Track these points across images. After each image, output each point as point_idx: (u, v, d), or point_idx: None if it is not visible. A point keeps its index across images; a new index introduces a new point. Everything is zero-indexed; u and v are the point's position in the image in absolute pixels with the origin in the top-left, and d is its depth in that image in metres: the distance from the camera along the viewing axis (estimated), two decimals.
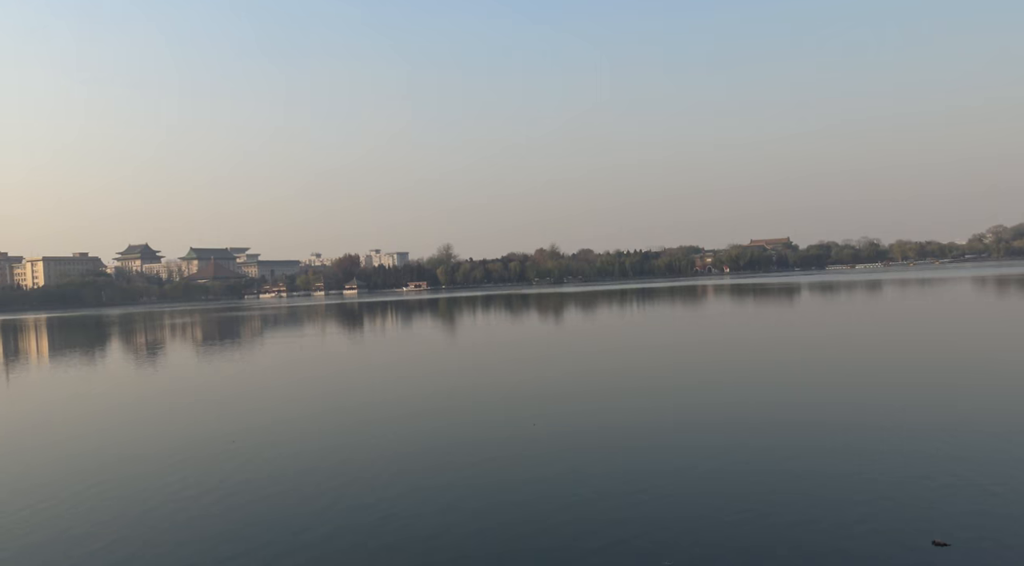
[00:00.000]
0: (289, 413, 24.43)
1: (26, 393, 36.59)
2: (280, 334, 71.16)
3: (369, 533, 12.16)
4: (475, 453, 17.32)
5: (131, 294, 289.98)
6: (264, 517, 13.24)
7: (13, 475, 17.89)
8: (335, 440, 19.69)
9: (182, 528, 12.88)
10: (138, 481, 16.35)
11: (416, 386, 29.38)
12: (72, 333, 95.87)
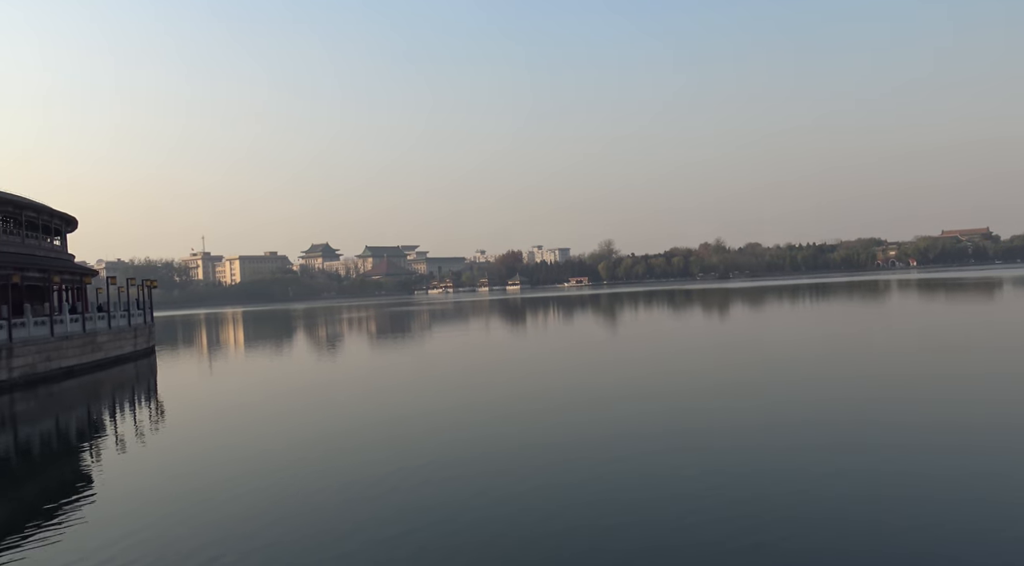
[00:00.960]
0: (448, 403, 25.13)
1: (225, 378, 40.30)
2: (447, 328, 73.75)
3: (503, 524, 12.20)
4: (619, 448, 16.99)
5: (314, 290, 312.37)
6: (423, 502, 13.64)
7: (221, 451, 19.66)
8: (489, 430, 20.01)
9: (349, 510, 13.53)
10: (310, 463, 17.41)
11: (572, 379, 29.34)
12: (264, 325, 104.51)
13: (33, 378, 36.07)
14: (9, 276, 42.13)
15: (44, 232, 54.48)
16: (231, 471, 17.03)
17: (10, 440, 24.13)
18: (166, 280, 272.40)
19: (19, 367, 35.57)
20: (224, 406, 28.92)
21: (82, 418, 28.02)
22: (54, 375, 37.97)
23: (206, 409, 28.54)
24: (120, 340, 48.79)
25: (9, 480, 18.66)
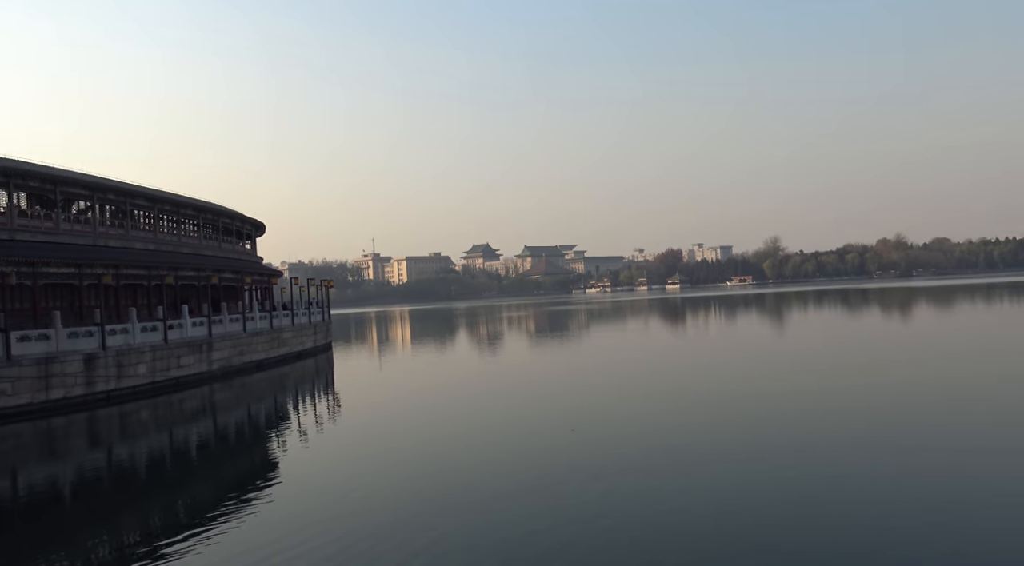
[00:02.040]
0: (617, 403, 25.04)
1: (394, 373, 42.52)
2: (605, 327, 73.57)
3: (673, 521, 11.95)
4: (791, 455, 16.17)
5: (475, 289, 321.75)
6: (601, 499, 13.69)
7: (392, 437, 20.83)
8: (664, 429, 19.74)
9: (526, 504, 13.84)
10: (475, 454, 17.97)
11: (733, 382, 28.33)
12: (428, 323, 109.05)
13: (229, 370, 39.80)
14: (209, 277, 46.72)
15: (237, 237, 59.91)
16: (401, 459, 17.94)
17: (210, 426, 26.77)
18: (340, 280, 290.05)
19: (217, 360, 39.37)
20: (394, 398, 30.54)
21: (270, 408, 30.56)
22: (246, 368, 41.69)
23: (377, 401, 30.25)
24: (302, 336, 52.70)
25: (208, 462, 20.73)
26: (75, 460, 21.52)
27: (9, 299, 32.23)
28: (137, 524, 14.33)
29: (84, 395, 29.52)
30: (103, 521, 14.66)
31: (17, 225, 34.75)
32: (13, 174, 34.78)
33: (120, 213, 43.00)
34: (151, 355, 33.63)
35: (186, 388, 34.44)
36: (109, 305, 37.00)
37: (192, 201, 50.70)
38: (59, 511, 15.96)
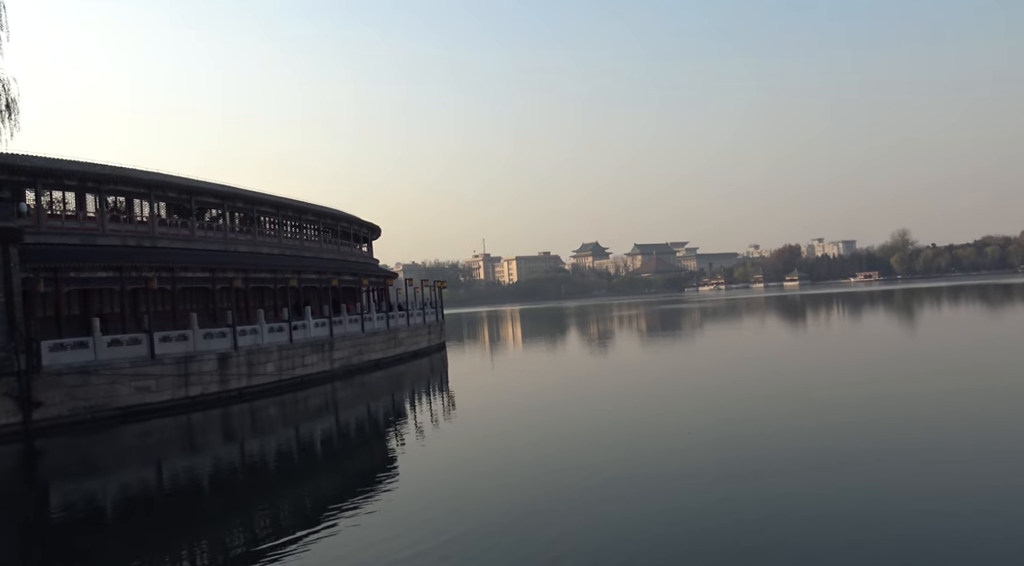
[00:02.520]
0: (733, 405, 24.32)
1: (506, 371, 43.00)
2: (720, 325, 71.64)
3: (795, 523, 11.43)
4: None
5: (584, 287, 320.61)
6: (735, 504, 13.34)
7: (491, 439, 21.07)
8: (783, 435, 19.01)
9: (627, 507, 13.66)
10: (587, 454, 17.86)
11: (858, 384, 26.88)
12: (538, 322, 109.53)
13: (349, 369, 41.39)
14: (329, 279, 48.74)
15: (355, 240, 62.23)
16: (515, 458, 18.11)
17: (333, 422, 27.93)
18: (452, 280, 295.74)
19: (338, 359, 41.02)
20: (507, 397, 30.89)
21: (388, 405, 31.56)
22: (365, 367, 43.23)
23: (491, 400, 30.68)
24: (417, 336, 54.13)
25: (331, 457, 21.61)
26: (212, 453, 22.94)
27: (151, 302, 34.73)
28: (266, 515, 15.12)
29: (218, 392, 31.43)
30: (235, 511, 15.55)
31: (158, 233, 37.43)
32: (155, 186, 37.48)
33: (248, 220, 45.51)
34: (278, 354, 35.41)
35: (310, 386, 36.05)
36: (239, 307, 39.23)
37: (313, 207, 53.02)
38: (197, 500, 17.06)
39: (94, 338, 27.71)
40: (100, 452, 23.79)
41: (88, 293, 33.23)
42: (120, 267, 32.95)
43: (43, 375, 25.68)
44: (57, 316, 30.50)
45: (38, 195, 32.33)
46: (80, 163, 33.94)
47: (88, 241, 33.36)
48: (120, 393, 27.74)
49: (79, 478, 20.51)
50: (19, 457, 23.27)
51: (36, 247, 29.40)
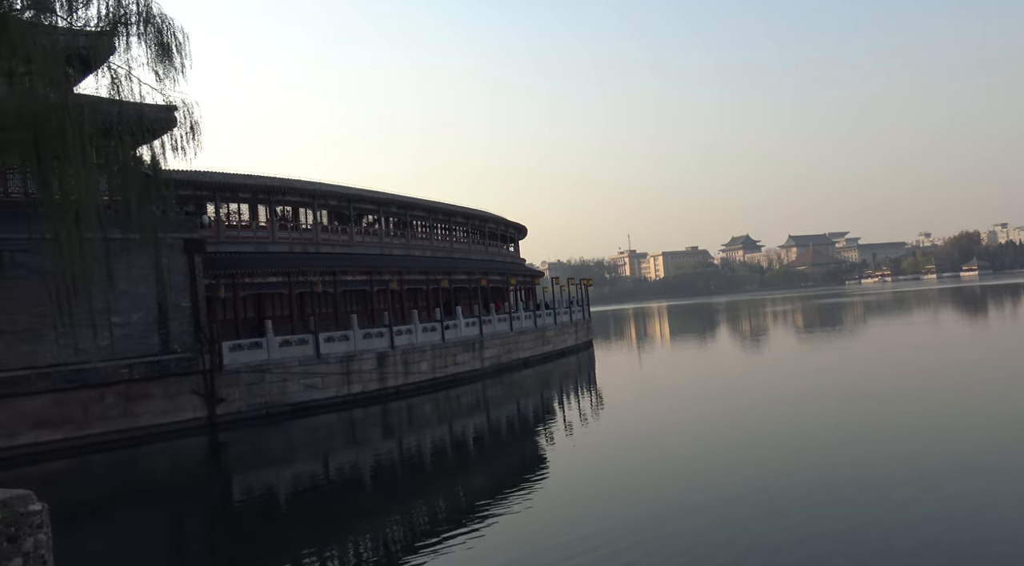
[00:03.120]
0: (911, 415, 22.72)
1: (654, 370, 42.38)
2: (888, 321, 67.00)
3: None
4: None
5: (735, 282, 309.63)
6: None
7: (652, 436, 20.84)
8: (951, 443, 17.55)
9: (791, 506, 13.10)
10: (743, 459, 17.25)
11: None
12: (686, 319, 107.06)
13: (499, 367, 42.33)
14: (478, 280, 50.03)
15: (502, 240, 63.50)
16: (665, 458, 17.85)
17: (484, 420, 28.68)
18: (597, 277, 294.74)
19: (488, 358, 42.05)
20: (655, 395, 30.47)
21: (537, 403, 31.99)
22: (514, 365, 44.05)
23: (639, 398, 30.38)
24: (564, 334, 54.48)
25: (483, 454, 22.24)
26: (372, 447, 24.23)
27: (316, 305, 37.10)
28: (423, 509, 15.79)
29: (377, 390, 33.11)
30: (394, 504, 16.34)
31: (321, 240, 39.94)
32: (318, 195, 40.04)
33: (402, 224, 47.59)
34: (431, 353, 36.80)
35: (461, 384, 37.20)
36: (395, 308, 41.09)
37: (461, 209, 54.62)
38: (360, 492, 18.10)
39: (267, 339, 29.99)
40: (274, 445, 25.73)
41: (261, 297, 36.00)
42: (288, 272, 35.46)
43: (224, 373, 28.10)
44: (235, 319, 33.25)
45: (217, 208, 35.41)
46: (253, 177, 36.86)
47: (260, 249, 36.14)
48: (290, 390, 29.85)
49: (257, 469, 22.32)
50: (206, 448, 25.62)
51: (216, 255, 32.19)
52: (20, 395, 23.17)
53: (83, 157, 19.46)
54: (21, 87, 18.61)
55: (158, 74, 21.51)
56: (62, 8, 19.70)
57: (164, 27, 21.34)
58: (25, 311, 23.44)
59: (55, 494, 19.10)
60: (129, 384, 25.47)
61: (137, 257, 25.38)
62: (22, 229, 22.06)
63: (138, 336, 26.22)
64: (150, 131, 22.56)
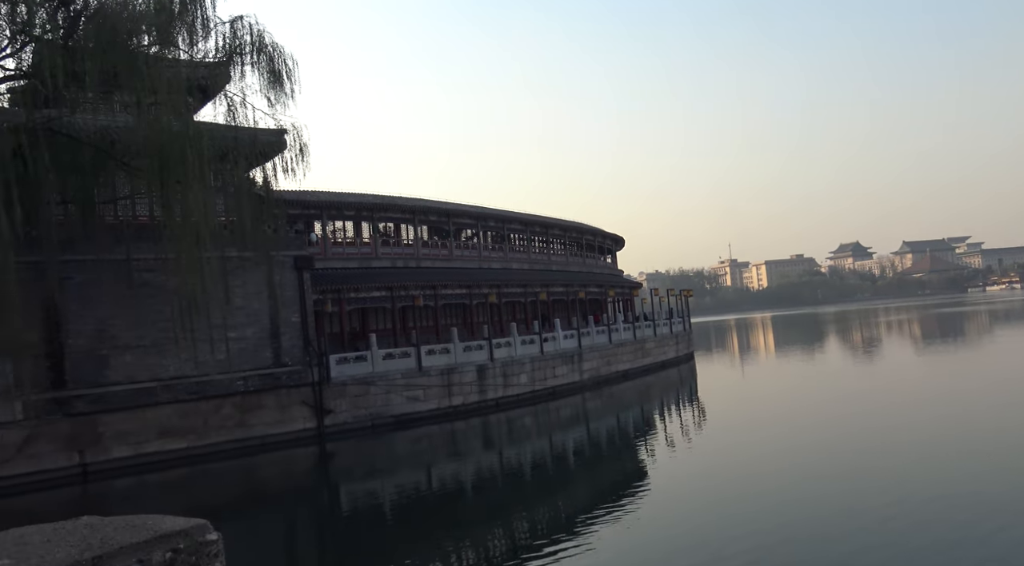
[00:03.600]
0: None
1: (758, 383, 41.01)
2: (1018, 331, 62.53)
3: None
4: None
5: (844, 291, 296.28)
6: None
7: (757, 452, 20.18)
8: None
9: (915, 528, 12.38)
10: (849, 475, 16.43)
11: None
12: (792, 329, 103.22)
13: (598, 380, 42.01)
14: (576, 292, 49.93)
15: (599, 252, 63.19)
16: (771, 476, 17.23)
17: (584, 432, 28.52)
18: (698, 288, 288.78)
19: (587, 370, 41.82)
20: (760, 410, 29.48)
21: (636, 416, 31.55)
22: (613, 377, 43.61)
23: (743, 413, 29.47)
24: (663, 346, 53.55)
25: (583, 467, 22.08)
26: (474, 459, 24.50)
27: (417, 318, 37.92)
28: (523, 521, 15.82)
29: (477, 402, 33.47)
30: (495, 515, 16.46)
31: (422, 254, 40.87)
32: (418, 211, 41.05)
33: (499, 237, 48.11)
34: (530, 366, 36.92)
35: (560, 397, 37.12)
36: (493, 321, 41.50)
37: (558, 221, 54.72)
38: (461, 503, 18.32)
39: (372, 352, 30.86)
40: (380, 455, 26.40)
41: (365, 311, 37.12)
42: (391, 287, 36.43)
43: (332, 386, 29.08)
44: (341, 332, 34.40)
45: (324, 225, 36.83)
46: (357, 195, 38.17)
47: (364, 264, 37.31)
48: (394, 402, 30.58)
49: (364, 478, 22.97)
50: (316, 458, 26.56)
51: (323, 271, 33.44)
52: (147, 405, 24.69)
53: (202, 181, 20.71)
54: (147, 117, 19.98)
55: (270, 100, 22.75)
56: (184, 42, 21.08)
57: (275, 55, 22.52)
58: (152, 326, 25.01)
59: (180, 500, 20.30)
60: (244, 396, 26.73)
61: (251, 274, 26.70)
62: (149, 249, 23.66)
63: (252, 350, 27.51)
64: (262, 154, 23.78)
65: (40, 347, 22.69)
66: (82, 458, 23.08)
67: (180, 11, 20.90)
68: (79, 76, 18.99)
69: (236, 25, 22.41)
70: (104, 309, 24.25)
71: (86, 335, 23.99)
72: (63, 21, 19.76)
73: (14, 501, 20.67)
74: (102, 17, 19.60)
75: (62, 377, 23.37)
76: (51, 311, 23.03)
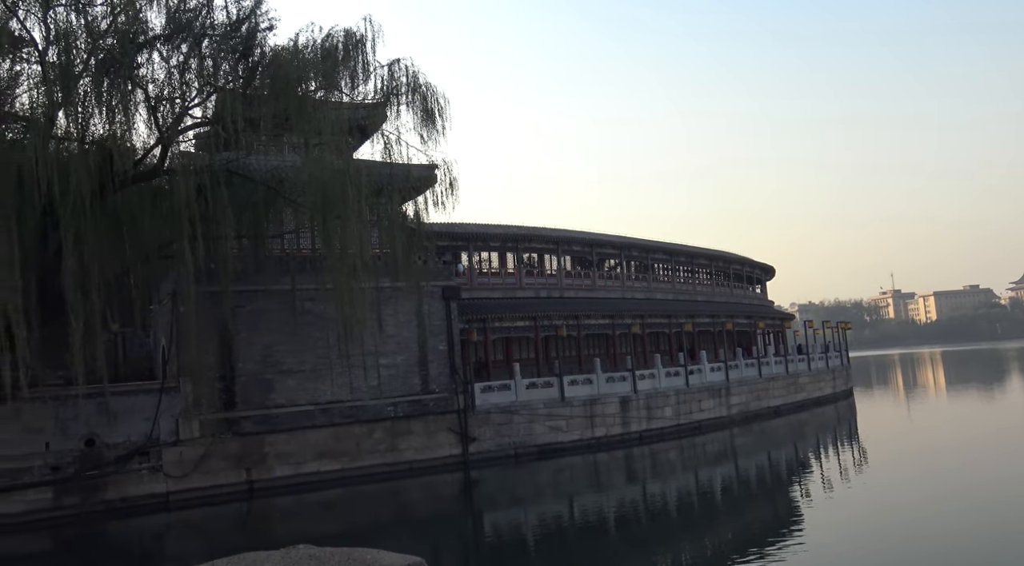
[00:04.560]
0: None
1: (927, 426, 37.80)
2: None
3: None
4: None
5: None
6: None
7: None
8: None
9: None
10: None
11: None
12: (967, 367, 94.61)
13: (747, 415, 40.27)
14: (723, 323, 48.34)
15: (747, 282, 60.97)
16: (936, 524, 15.79)
17: (732, 469, 27.37)
18: (856, 320, 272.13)
19: (735, 405, 40.20)
20: (929, 456, 27.11)
21: (789, 455, 29.94)
22: (763, 413, 41.65)
23: (910, 457, 27.23)
24: (819, 382, 50.62)
25: (732, 505, 21.15)
26: (617, 492, 24.09)
27: (560, 348, 37.99)
28: (667, 558, 15.31)
29: (620, 434, 32.96)
30: (638, 550, 16.03)
31: (565, 285, 41.07)
32: (561, 241, 41.39)
33: (643, 267, 47.54)
34: (675, 399, 35.99)
35: (707, 431, 35.87)
36: (636, 352, 40.89)
37: (704, 251, 53.40)
38: (604, 536, 18.00)
39: (516, 381, 31.21)
40: (523, 484, 26.53)
41: (509, 341, 37.67)
42: (534, 317, 36.80)
43: (476, 413, 29.62)
44: (485, 361, 35.06)
45: (470, 256, 37.90)
46: (502, 226, 39.05)
47: (508, 294, 37.97)
48: (536, 432, 30.69)
49: (508, 506, 23.16)
50: (461, 485, 27.06)
51: (469, 301, 34.30)
52: (307, 428, 26.16)
53: (359, 215, 21.96)
54: (312, 157, 21.51)
55: (423, 137, 23.94)
56: (346, 85, 22.64)
57: (429, 95, 23.72)
58: (311, 352, 26.57)
59: (336, 520, 21.29)
60: (394, 421, 27.74)
61: (402, 303, 27.85)
62: (310, 280, 25.26)
63: (402, 377, 28.56)
64: (415, 188, 24.94)
65: (215, 370, 24.67)
66: (249, 475, 24.72)
67: (344, 57, 22.50)
68: (255, 121, 20.79)
69: (393, 68, 23.82)
70: (270, 336, 26.04)
71: (254, 360, 25.82)
72: (242, 72, 21.72)
73: (192, 513, 22.48)
74: (276, 66, 21.40)
75: (233, 399, 25.24)
76: (225, 337, 24.99)
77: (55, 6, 19.23)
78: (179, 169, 20.48)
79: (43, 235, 20.11)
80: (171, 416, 23.92)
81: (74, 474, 22.03)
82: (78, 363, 19.05)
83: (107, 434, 22.94)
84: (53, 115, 19.50)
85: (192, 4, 21.12)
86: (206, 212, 21.31)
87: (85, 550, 19.80)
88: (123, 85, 19.69)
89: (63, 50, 18.73)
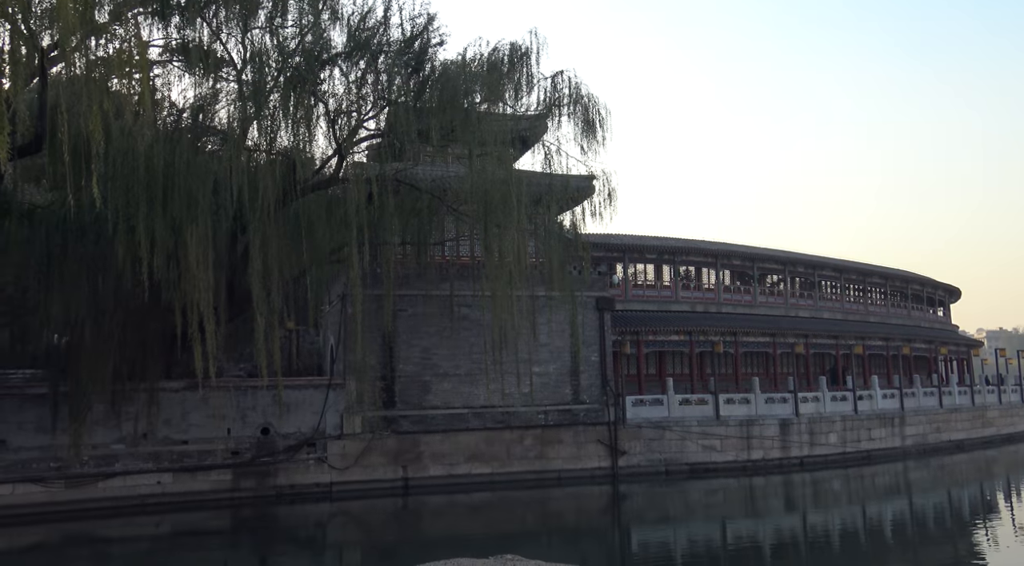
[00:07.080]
0: None
1: None
2: None
3: None
4: None
5: None
6: None
7: None
8: None
9: None
10: None
11: None
12: None
13: (923, 447, 36.98)
14: (899, 347, 44.81)
15: (928, 304, 56.18)
16: None
17: (905, 506, 25.24)
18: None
19: (911, 435, 37.03)
20: None
21: (974, 495, 27.22)
22: (942, 447, 38.11)
23: None
24: (1012, 416, 45.65)
25: (903, 546, 19.46)
26: (773, 520, 22.88)
27: (716, 365, 36.67)
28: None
29: (779, 458, 31.28)
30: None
31: (723, 299, 39.66)
32: (721, 255, 40.04)
33: (808, 284, 45.02)
34: (841, 425, 33.70)
35: (876, 462, 33.30)
36: (799, 373, 38.72)
37: (878, 269, 49.82)
38: (756, 565, 17.11)
39: (668, 397, 30.46)
40: (673, 503, 25.81)
41: (662, 354, 36.86)
42: (690, 331, 35.78)
43: (627, 427, 29.16)
44: (637, 375, 34.48)
45: (625, 268, 37.51)
46: (658, 238, 38.39)
47: (663, 307, 37.18)
48: (688, 450, 29.77)
49: (656, 524, 22.60)
50: (608, 498, 26.74)
51: (623, 313, 33.90)
52: (460, 430, 26.87)
53: (518, 224, 22.33)
54: (475, 167, 22.15)
55: (582, 147, 24.06)
56: (510, 97, 23.17)
57: (590, 106, 23.81)
58: (467, 357, 27.28)
59: (484, 522, 21.70)
60: (544, 429, 27.89)
61: (556, 313, 27.99)
62: (468, 287, 26.06)
63: (553, 385, 28.67)
64: (572, 199, 25.05)
65: (377, 370, 25.92)
66: (404, 472, 25.74)
67: (508, 70, 23.04)
68: (424, 133, 21.69)
69: (556, 79, 24.10)
70: (428, 339, 27.02)
71: (413, 362, 26.88)
72: (414, 86, 22.75)
73: (352, 504, 23.73)
74: (444, 80, 22.25)
75: (392, 398, 26.38)
76: (387, 339, 26.19)
77: (252, 28, 20.97)
78: (352, 178, 21.70)
79: (233, 238, 21.98)
80: (336, 411, 25.38)
81: (251, 459, 23.91)
82: (261, 357, 20.54)
83: (280, 424, 24.68)
84: (246, 128, 21.25)
85: (371, 23, 22.35)
86: (374, 219, 22.46)
87: (259, 531, 21.38)
88: (307, 100, 21.15)
89: (257, 69, 20.38)
